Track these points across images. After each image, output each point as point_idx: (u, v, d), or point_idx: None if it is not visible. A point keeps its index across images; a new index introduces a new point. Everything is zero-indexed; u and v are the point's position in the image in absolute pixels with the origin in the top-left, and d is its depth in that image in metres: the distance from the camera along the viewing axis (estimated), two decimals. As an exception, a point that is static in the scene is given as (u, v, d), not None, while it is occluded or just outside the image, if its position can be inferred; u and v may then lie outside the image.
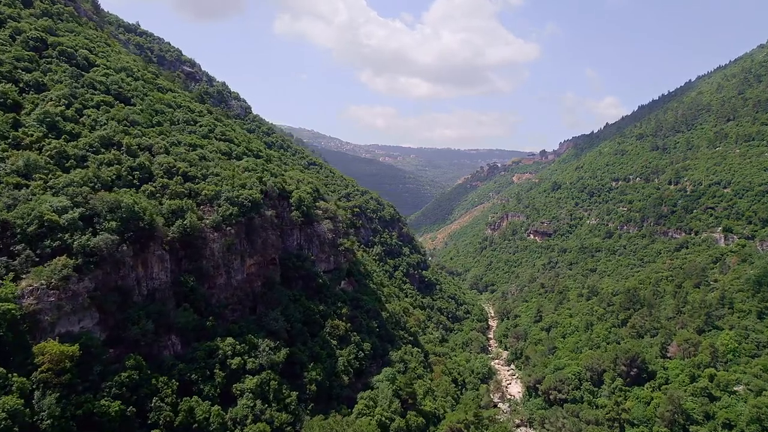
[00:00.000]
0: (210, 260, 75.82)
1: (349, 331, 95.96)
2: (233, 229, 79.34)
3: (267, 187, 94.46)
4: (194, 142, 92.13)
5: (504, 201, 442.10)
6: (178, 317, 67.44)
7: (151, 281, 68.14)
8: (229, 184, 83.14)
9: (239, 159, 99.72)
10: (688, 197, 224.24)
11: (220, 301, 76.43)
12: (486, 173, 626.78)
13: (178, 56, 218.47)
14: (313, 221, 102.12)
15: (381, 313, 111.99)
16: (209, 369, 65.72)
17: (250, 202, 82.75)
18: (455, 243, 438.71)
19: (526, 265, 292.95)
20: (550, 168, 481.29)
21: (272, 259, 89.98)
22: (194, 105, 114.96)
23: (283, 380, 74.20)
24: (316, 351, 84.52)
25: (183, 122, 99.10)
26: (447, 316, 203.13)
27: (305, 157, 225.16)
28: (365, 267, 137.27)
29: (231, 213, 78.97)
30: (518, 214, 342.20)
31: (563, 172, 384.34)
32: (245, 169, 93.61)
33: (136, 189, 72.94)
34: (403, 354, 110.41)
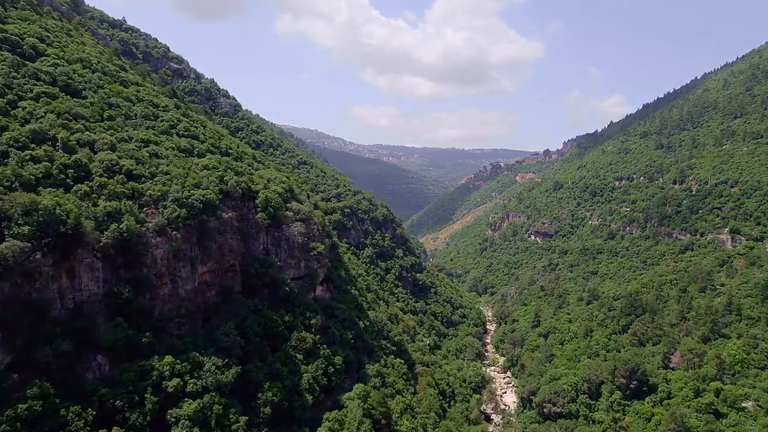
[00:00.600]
0: (152, 268, 67.31)
1: (319, 344, 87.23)
2: (180, 233, 70.82)
3: (228, 187, 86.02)
4: (149, 138, 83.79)
5: (505, 201, 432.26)
6: (106, 334, 59.07)
7: (79, 293, 59.71)
8: (179, 184, 74.65)
9: (201, 156, 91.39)
10: (694, 197, 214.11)
11: (164, 314, 67.82)
12: (489, 173, 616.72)
13: (165, 53, 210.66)
14: (282, 224, 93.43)
15: (358, 323, 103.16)
16: (139, 393, 57.10)
17: (202, 203, 74.20)
18: (456, 244, 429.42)
19: (526, 266, 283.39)
20: (553, 167, 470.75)
21: (231, 266, 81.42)
22: (160, 99, 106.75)
23: (233, 403, 65.65)
24: (277, 368, 75.74)
25: (141, 117, 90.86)
26: (441, 321, 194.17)
27: (295, 156, 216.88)
28: (346, 272, 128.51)
29: (178, 215, 70.48)
30: (519, 215, 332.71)
31: (565, 171, 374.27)
32: (204, 167, 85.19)
33: (67, 189, 64.63)
34: (382, 367, 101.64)
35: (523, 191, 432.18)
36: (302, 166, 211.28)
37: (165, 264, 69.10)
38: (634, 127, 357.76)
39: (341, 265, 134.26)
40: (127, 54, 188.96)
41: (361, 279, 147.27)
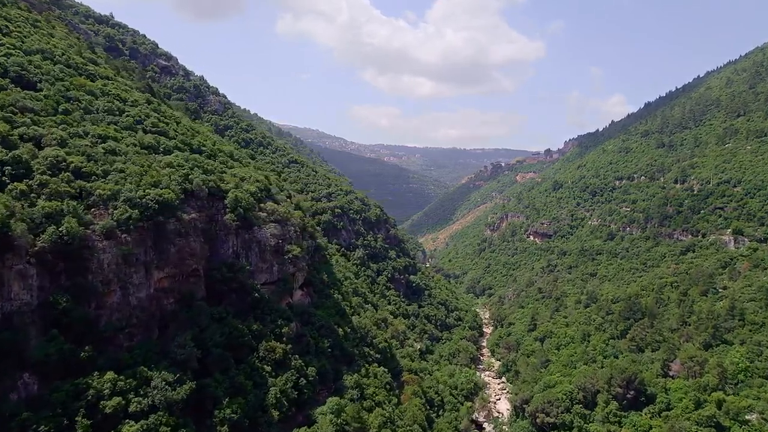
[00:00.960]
0: (98, 274, 61.03)
1: (290, 354, 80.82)
2: (132, 236, 64.60)
3: (193, 186, 79.76)
4: (107, 133, 77.63)
5: (505, 201, 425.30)
6: (37, 349, 52.89)
7: (9, 303, 53.39)
8: (134, 183, 68.45)
9: (168, 153, 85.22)
10: (695, 197, 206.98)
11: (111, 324, 61.52)
12: (489, 173, 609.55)
13: (153, 49, 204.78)
14: (254, 225, 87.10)
15: (337, 330, 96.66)
16: (69, 416, 50.86)
17: (158, 203, 67.94)
18: (455, 244, 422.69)
19: (524, 267, 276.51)
20: (554, 167, 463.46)
21: (193, 271, 75.15)
22: (131, 94, 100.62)
23: (185, 422, 59.40)
24: (240, 381, 69.42)
25: (103, 112, 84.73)
26: (435, 324, 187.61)
27: (286, 155, 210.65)
28: (329, 275, 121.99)
29: (129, 216, 64.27)
30: (518, 215, 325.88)
31: (565, 171, 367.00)
32: (168, 164, 78.93)
33: (1, 188, 58.44)
34: (362, 377, 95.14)
35: (522, 191, 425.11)
36: (293, 165, 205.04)
37: (113, 270, 62.78)
38: (635, 126, 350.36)
39: (325, 267, 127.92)
40: (112, 50, 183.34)
41: (348, 282, 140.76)
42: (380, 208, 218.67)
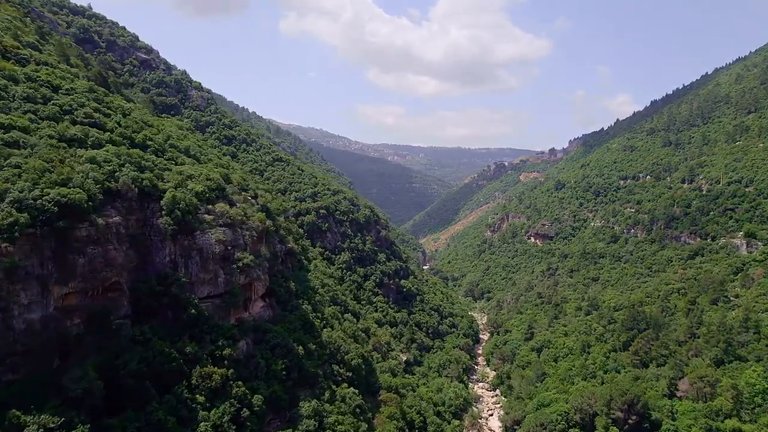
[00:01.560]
0: (-31, 293, 49.27)
1: (232, 380, 68.52)
2: (18, 246, 52.44)
3: (119, 185, 67.56)
4: (13, 122, 65.66)
5: (506, 201, 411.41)
6: None
7: None
8: (30, 180, 56.31)
9: (97, 147, 73.14)
10: (704, 197, 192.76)
11: (-13, 354, 49.79)
12: (493, 172, 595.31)
13: (132, 42, 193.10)
14: (195, 230, 74.84)
15: (295, 348, 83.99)
16: None
17: (59, 205, 55.72)
18: (456, 245, 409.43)
19: (524, 270, 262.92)
20: (557, 167, 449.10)
21: (112, 285, 62.95)
22: (71, 82, 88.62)
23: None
24: (158, 418, 57.17)
25: (20, 99, 72.80)
26: (426, 332, 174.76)
27: (270, 153, 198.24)
28: (298, 284, 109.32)
29: (15, 222, 52.09)
30: (519, 215, 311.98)
31: (569, 170, 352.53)
32: (89, 160, 66.74)
33: None
34: (323, 403, 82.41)
35: (524, 191, 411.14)
36: (277, 163, 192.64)
37: (-8, 287, 50.73)
38: (640, 124, 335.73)
39: (297, 275, 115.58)
40: (87, 42, 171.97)
41: (325, 290, 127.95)
42: (370, 209, 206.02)
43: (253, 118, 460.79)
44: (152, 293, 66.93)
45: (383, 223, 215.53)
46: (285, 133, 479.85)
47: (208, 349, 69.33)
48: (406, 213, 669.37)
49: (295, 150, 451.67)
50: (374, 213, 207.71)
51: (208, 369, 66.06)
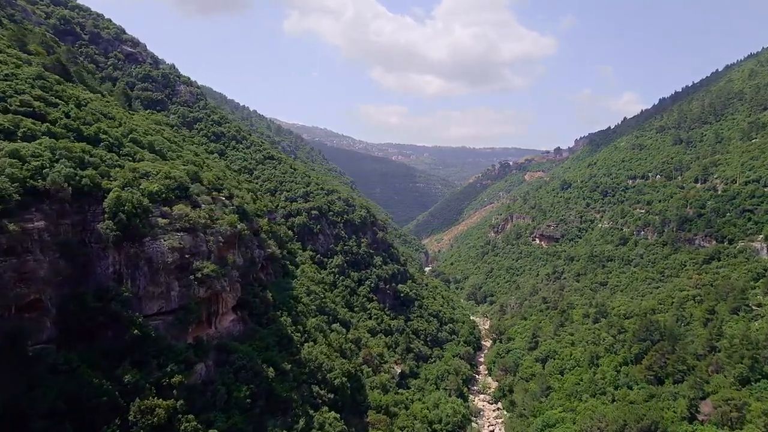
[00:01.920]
0: None
1: (181, 413, 57.65)
2: None
3: (47, 183, 56.80)
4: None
5: (511, 201, 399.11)
6: None
7: None
8: None
9: (29, 140, 62.59)
10: (719, 198, 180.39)
11: None
12: (497, 172, 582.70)
13: (117, 34, 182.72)
14: (145, 236, 64.05)
15: (264, 370, 72.92)
16: None
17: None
18: (459, 246, 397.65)
19: (529, 273, 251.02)
20: (563, 166, 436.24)
21: (33, 302, 52.29)
22: (15, 69, 78.18)
23: None
24: (79, 468, 46.65)
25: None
26: (425, 340, 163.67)
27: (261, 151, 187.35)
28: (276, 294, 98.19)
29: None
30: (523, 216, 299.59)
31: (575, 169, 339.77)
32: (10, 153, 56.06)
33: None
34: (296, 433, 71.50)
35: (529, 191, 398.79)
36: (268, 161, 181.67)
37: None
38: (650, 121, 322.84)
39: (277, 283, 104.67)
40: (68, 34, 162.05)
41: (310, 298, 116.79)
42: (367, 209, 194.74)
43: (254, 117, 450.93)
44: (85, 311, 56.08)
45: (380, 224, 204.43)
46: (286, 132, 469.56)
47: (153, 376, 58.47)
48: (409, 213, 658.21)
49: (296, 149, 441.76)
50: (370, 214, 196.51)
51: (149, 402, 55.22)
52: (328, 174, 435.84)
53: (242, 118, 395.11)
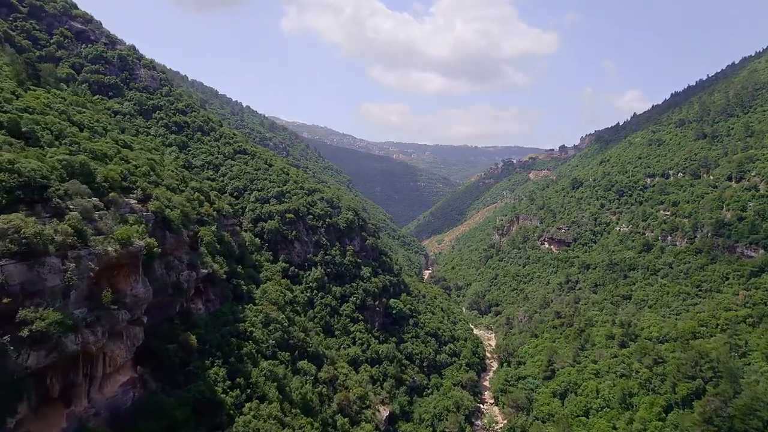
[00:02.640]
0: None
1: None
2: None
3: None
4: None
5: (516, 201, 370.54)
6: None
7: None
8: None
9: None
10: (763, 199, 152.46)
11: None
12: (500, 170, 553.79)
13: (65, 9, 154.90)
14: None
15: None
16: None
17: None
18: (461, 248, 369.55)
19: (538, 281, 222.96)
20: (570, 163, 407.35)
21: None
22: None
23: None
24: None
25: None
26: (420, 366, 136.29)
27: (233, 144, 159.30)
28: (200, 337, 70.01)
29: None
30: (530, 217, 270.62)
31: (585, 167, 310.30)
32: None
33: None
34: None
35: (535, 190, 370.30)
36: (239, 156, 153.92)
37: None
38: (667, 115, 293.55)
39: (220, 314, 76.89)
40: (2, 5, 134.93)
41: (268, 331, 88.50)
42: (355, 212, 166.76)
43: (246, 113, 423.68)
44: None
45: (371, 228, 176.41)
46: (280, 128, 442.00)
47: None
48: (410, 212, 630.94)
49: (290, 146, 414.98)
50: (359, 217, 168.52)
51: None
52: (324, 172, 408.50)
53: (233, 113, 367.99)
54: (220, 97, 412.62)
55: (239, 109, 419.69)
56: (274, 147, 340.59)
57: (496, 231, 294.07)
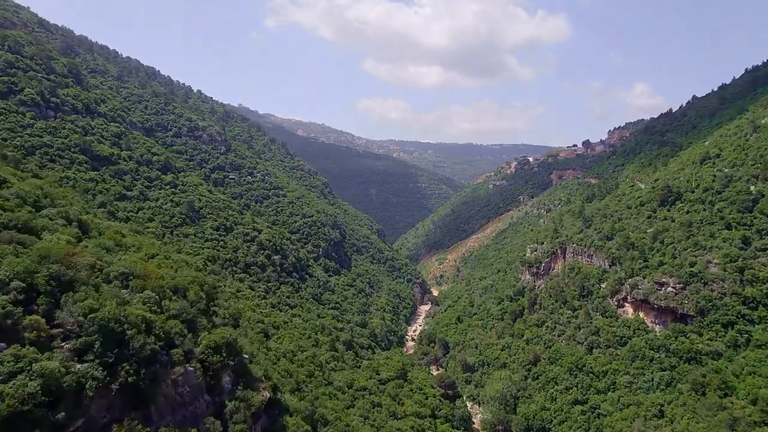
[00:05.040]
0: None
1: None
2: None
3: None
4: None
5: (539, 210, 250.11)
6: None
7: None
8: None
9: None
10: None
11: None
12: (514, 170, 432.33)
13: None
14: None
15: None
16: None
17: None
18: (468, 275, 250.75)
19: (627, 393, 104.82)
20: (612, 162, 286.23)
21: None
22: None
23: None
24: None
25: None
26: None
27: None
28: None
29: None
30: (589, 252, 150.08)
31: (669, 171, 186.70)
32: None
33: None
34: None
35: (573, 198, 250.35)
36: None
37: None
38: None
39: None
40: None
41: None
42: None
43: (194, 97, 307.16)
44: None
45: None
46: (239, 118, 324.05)
47: None
48: (409, 218, 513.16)
49: (250, 139, 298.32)
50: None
51: None
52: (292, 173, 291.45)
53: (155, 94, 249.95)
54: (160, 77, 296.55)
55: (185, 92, 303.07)
56: (209, 141, 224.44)
57: (526, 268, 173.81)
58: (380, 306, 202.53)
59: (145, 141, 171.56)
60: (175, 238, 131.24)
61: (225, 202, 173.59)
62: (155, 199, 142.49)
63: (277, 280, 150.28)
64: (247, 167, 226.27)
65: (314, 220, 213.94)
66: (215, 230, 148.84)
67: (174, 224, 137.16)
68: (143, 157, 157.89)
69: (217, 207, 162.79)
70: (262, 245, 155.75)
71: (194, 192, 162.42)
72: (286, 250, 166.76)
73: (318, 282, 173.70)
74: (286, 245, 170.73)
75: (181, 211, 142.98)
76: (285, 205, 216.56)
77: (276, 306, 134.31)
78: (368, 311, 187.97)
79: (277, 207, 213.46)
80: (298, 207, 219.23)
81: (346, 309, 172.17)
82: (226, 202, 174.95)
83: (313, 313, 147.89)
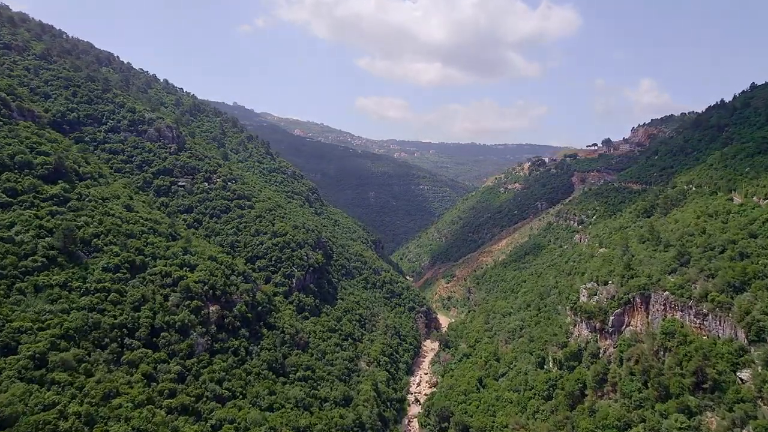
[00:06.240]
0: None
1: None
2: None
3: None
4: None
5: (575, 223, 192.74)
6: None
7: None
8: None
9: None
10: None
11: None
12: (527, 171, 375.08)
13: None
14: None
15: None
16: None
17: None
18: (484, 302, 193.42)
19: None
20: (653, 162, 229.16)
21: None
22: None
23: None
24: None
25: None
26: None
27: None
28: None
29: None
30: (695, 307, 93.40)
31: (720, 167, 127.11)
32: None
33: None
34: None
35: (614, 207, 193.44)
36: None
37: None
38: None
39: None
40: None
41: None
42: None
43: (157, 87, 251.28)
44: None
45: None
46: (211, 111, 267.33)
47: None
48: (410, 222, 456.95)
49: (222, 137, 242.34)
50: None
51: None
52: (270, 176, 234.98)
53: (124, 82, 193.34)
54: (115, 64, 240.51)
55: (146, 81, 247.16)
56: (156, 137, 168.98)
57: (583, 319, 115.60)
58: (373, 357, 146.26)
59: (33, 137, 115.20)
60: (13, 298, 74.58)
61: (150, 223, 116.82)
62: (8, 225, 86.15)
63: (206, 349, 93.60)
64: (204, 171, 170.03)
65: (287, 240, 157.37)
66: (111, 271, 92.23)
67: (26, 269, 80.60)
68: (16, 158, 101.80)
69: (131, 232, 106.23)
70: (189, 292, 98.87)
71: (99, 209, 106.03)
72: (232, 294, 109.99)
73: (283, 338, 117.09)
74: (234, 285, 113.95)
75: (50, 244, 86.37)
76: (250, 221, 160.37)
77: (186, 409, 77.51)
78: (355, 371, 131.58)
79: (239, 223, 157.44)
80: (268, 222, 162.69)
81: (321, 378, 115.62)
82: (152, 222, 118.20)
83: (261, 403, 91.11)
